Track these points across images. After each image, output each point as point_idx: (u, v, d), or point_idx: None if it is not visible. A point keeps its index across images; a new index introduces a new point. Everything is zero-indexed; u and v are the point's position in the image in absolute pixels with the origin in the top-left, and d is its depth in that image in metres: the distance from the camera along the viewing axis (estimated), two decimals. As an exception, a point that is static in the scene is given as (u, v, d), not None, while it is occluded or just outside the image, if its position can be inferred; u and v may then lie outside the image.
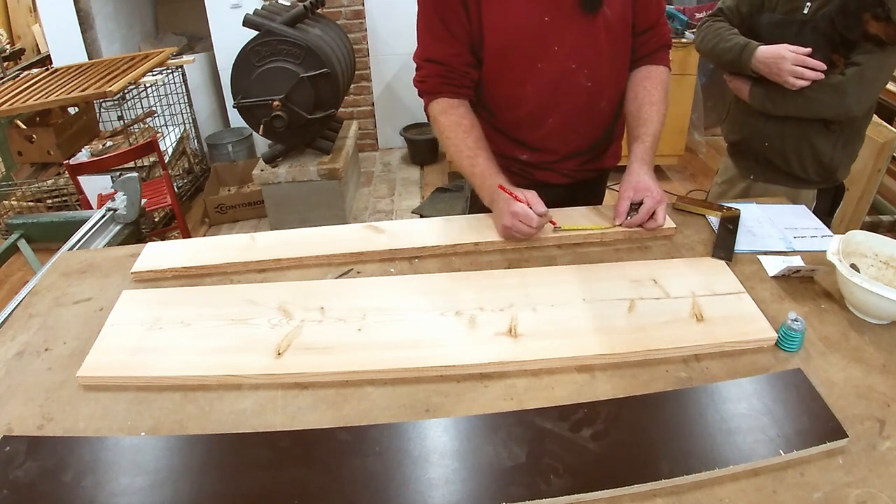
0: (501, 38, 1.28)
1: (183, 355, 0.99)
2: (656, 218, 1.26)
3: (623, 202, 1.28)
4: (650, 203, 1.25)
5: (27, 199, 3.29)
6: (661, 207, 1.26)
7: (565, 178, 1.47)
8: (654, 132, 1.35)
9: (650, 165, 1.33)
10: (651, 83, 1.38)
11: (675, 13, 3.53)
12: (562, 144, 1.42)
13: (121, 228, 1.75)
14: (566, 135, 1.40)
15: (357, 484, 0.76)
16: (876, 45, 1.43)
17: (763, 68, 1.50)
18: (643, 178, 1.29)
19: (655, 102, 1.36)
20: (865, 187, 2.39)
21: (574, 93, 1.33)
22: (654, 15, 1.36)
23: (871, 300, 0.99)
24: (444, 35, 1.29)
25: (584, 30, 1.27)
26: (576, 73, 1.31)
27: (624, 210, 1.28)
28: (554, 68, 1.30)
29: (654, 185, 1.28)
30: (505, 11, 1.25)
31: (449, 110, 1.33)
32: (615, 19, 1.29)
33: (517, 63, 1.31)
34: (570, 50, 1.28)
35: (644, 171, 1.31)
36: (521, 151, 1.43)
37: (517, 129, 1.41)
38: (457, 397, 0.91)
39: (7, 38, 5.20)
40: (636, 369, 0.95)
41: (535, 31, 1.26)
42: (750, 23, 1.62)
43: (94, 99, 3.21)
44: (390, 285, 1.16)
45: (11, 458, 0.82)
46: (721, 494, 0.75)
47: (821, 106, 1.49)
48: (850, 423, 0.83)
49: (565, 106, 1.35)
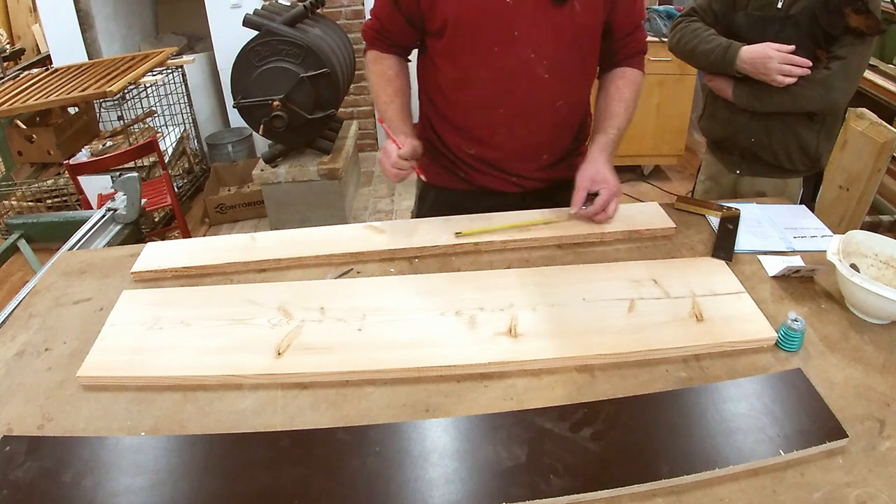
0: (458, 14, 1.24)
1: (183, 355, 0.99)
2: (607, 211, 1.26)
3: (579, 191, 1.27)
4: (605, 195, 1.25)
5: (27, 199, 3.29)
6: (615, 200, 1.26)
7: (514, 187, 1.44)
8: (620, 126, 1.34)
9: (610, 157, 1.32)
10: (624, 82, 1.36)
11: (676, 13, 3.53)
12: (510, 139, 1.36)
13: (121, 228, 1.75)
14: (516, 129, 1.35)
15: (357, 484, 0.76)
16: (856, 38, 1.44)
17: (749, 68, 1.51)
18: (601, 168, 1.28)
19: (625, 100, 1.35)
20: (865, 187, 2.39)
21: (529, 84, 1.29)
22: (635, 21, 1.35)
23: (871, 300, 0.99)
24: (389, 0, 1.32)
25: (549, 20, 1.23)
26: (534, 63, 1.26)
27: (580, 199, 1.27)
28: (510, 54, 1.26)
29: (611, 177, 1.28)
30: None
31: (379, 60, 1.39)
32: (584, 15, 1.25)
33: (472, 43, 1.27)
34: (530, 38, 1.24)
35: (603, 161, 1.30)
36: (469, 144, 1.39)
37: (465, 116, 1.37)
38: (457, 397, 0.91)
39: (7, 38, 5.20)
40: (636, 369, 0.95)
41: (495, 12, 1.22)
42: (725, 21, 1.62)
43: (94, 99, 3.20)
44: (390, 285, 1.16)
45: (11, 458, 0.81)
46: (721, 494, 0.75)
47: (808, 101, 1.50)
48: (850, 423, 0.83)
49: (519, 96, 1.30)
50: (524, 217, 1.33)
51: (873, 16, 1.40)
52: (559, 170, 1.45)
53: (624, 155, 3.77)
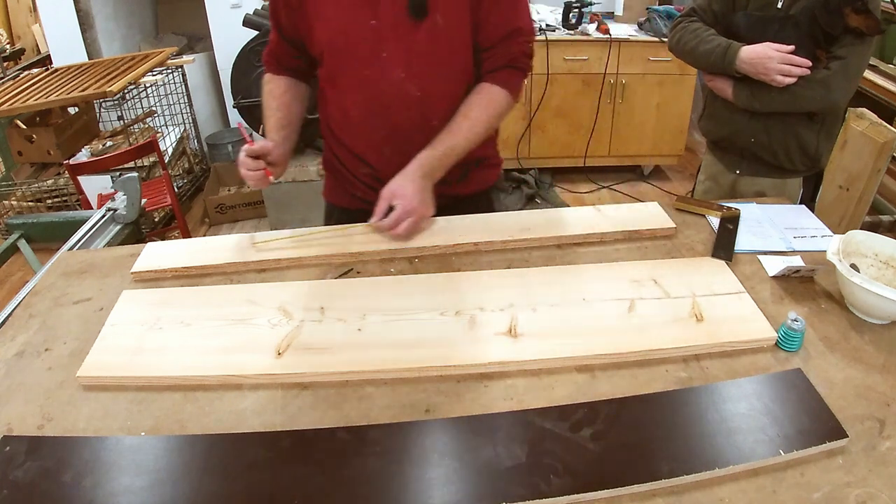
0: (327, 40, 1.26)
1: (183, 355, 0.99)
2: (397, 228, 1.21)
3: (380, 202, 1.23)
4: (398, 212, 1.20)
5: (27, 199, 3.29)
6: (408, 220, 1.20)
7: None
8: (452, 144, 1.25)
9: (426, 173, 1.24)
10: (477, 99, 1.27)
11: (676, 13, 3.53)
12: (394, 159, 1.29)
13: (121, 228, 1.75)
14: (397, 149, 1.30)
15: (357, 484, 0.76)
16: (856, 38, 1.44)
17: (749, 69, 1.51)
18: (406, 183, 1.22)
19: (470, 118, 1.26)
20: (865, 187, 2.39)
21: (402, 104, 1.26)
22: (497, 32, 1.25)
23: (871, 300, 0.99)
24: (274, 21, 1.34)
25: (412, 37, 1.21)
26: (405, 82, 1.24)
27: (379, 211, 1.23)
28: (381, 76, 1.24)
29: (412, 193, 1.21)
30: (331, 13, 1.23)
31: (269, 81, 1.40)
32: (448, 29, 1.22)
33: (344, 68, 1.28)
34: (398, 58, 1.23)
35: (414, 175, 1.22)
36: (360, 166, 1.39)
37: (352, 139, 1.37)
38: (457, 397, 0.91)
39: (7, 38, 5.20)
40: (636, 369, 0.95)
41: (362, 35, 1.22)
42: (725, 21, 1.62)
43: (94, 99, 3.20)
44: (390, 285, 1.16)
45: (11, 458, 0.81)
46: (721, 494, 0.75)
47: (808, 101, 1.50)
48: (850, 423, 0.83)
49: (394, 117, 1.28)
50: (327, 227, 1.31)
51: (873, 16, 1.40)
52: (457, 186, 1.40)
53: (624, 155, 3.78)
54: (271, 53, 1.40)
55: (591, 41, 3.42)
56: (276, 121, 1.33)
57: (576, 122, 3.65)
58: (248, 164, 1.22)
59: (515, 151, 3.72)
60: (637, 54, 3.43)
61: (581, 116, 3.63)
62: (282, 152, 1.28)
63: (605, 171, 3.87)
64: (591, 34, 3.43)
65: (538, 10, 3.71)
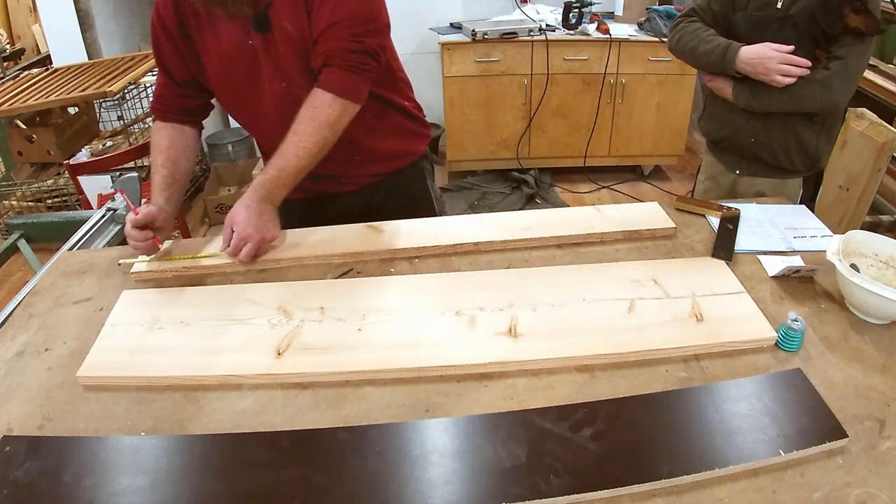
0: (218, 66, 1.29)
1: (183, 355, 0.99)
2: (239, 255, 1.21)
3: (225, 228, 1.24)
4: (235, 240, 1.21)
5: (27, 199, 3.29)
6: (247, 246, 1.20)
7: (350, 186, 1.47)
8: (283, 166, 1.23)
9: (262, 196, 1.23)
10: (304, 110, 1.24)
11: (675, 13, 3.53)
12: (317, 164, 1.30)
13: (121, 228, 1.75)
14: None
15: (357, 484, 0.76)
16: (856, 38, 1.44)
17: (748, 69, 1.50)
18: (240, 210, 1.22)
19: (298, 132, 1.23)
20: (865, 187, 2.39)
21: (295, 110, 1.26)
22: (318, 27, 1.21)
23: (871, 300, 0.99)
24: (160, 65, 1.35)
25: (276, 47, 1.24)
26: (288, 90, 1.28)
27: (226, 237, 1.23)
28: (270, 90, 1.29)
29: (245, 220, 1.21)
30: (216, 39, 1.26)
31: (157, 132, 1.39)
32: (296, 32, 1.22)
33: (239, 89, 1.31)
34: (277, 70, 1.27)
35: (246, 203, 1.22)
36: None
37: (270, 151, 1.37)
38: (457, 397, 0.91)
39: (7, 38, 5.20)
40: (636, 369, 0.95)
41: (244, 55, 1.26)
42: (724, 22, 1.62)
43: (94, 99, 3.20)
44: (390, 285, 1.16)
45: (11, 458, 0.81)
46: (721, 494, 0.75)
47: (808, 101, 1.50)
48: (850, 423, 0.83)
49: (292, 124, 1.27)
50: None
51: (872, 16, 1.40)
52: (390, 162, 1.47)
53: (624, 155, 3.77)
54: (158, 99, 1.38)
55: (591, 41, 3.42)
56: (161, 179, 1.32)
57: (576, 122, 3.65)
58: (136, 235, 1.21)
59: (515, 151, 3.72)
60: (637, 54, 3.43)
61: (581, 116, 3.63)
62: (166, 216, 1.27)
63: (605, 171, 3.87)
64: (591, 34, 3.43)
65: (538, 9, 3.72)
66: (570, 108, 3.60)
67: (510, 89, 3.53)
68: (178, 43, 1.29)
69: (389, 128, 1.46)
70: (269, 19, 1.22)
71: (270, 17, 1.22)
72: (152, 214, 1.23)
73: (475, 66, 3.45)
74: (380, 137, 1.44)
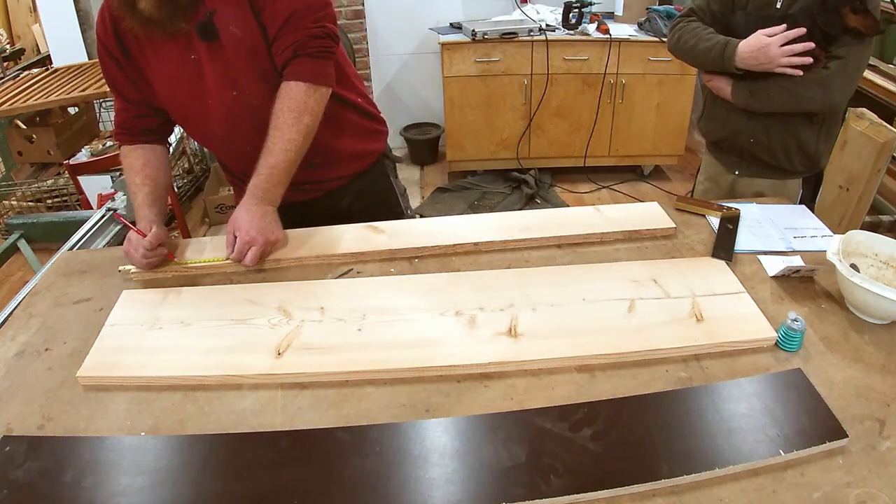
0: (164, 85, 1.29)
1: (183, 355, 0.99)
2: (244, 260, 1.21)
3: (227, 234, 1.24)
4: (238, 245, 1.20)
5: (27, 199, 3.29)
6: (252, 250, 1.20)
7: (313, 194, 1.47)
8: (273, 163, 1.23)
9: (259, 198, 1.24)
10: (279, 104, 1.23)
11: (675, 13, 3.53)
12: None
13: (121, 228, 1.75)
14: None
15: (357, 484, 0.76)
16: (855, 38, 1.44)
17: (751, 61, 1.49)
18: (241, 214, 1.22)
19: (279, 128, 1.23)
20: (865, 187, 2.39)
21: (248, 118, 1.28)
22: (276, 21, 1.21)
23: (871, 300, 0.99)
24: (113, 89, 1.34)
25: (223, 56, 1.23)
26: (239, 98, 1.27)
27: (229, 243, 1.23)
28: (219, 101, 1.28)
29: (248, 224, 1.21)
30: (158, 60, 1.26)
31: (127, 155, 1.37)
32: (245, 38, 1.22)
33: (190, 105, 1.30)
34: (225, 79, 1.25)
35: (246, 207, 1.23)
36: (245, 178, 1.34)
37: (235, 164, 1.41)
38: (457, 397, 0.91)
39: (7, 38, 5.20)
40: (636, 369, 0.95)
41: (188, 72, 1.25)
42: (724, 21, 1.61)
43: (94, 99, 3.20)
44: (390, 285, 1.16)
45: (11, 458, 0.82)
46: (721, 494, 0.75)
47: (807, 101, 1.49)
48: (850, 423, 0.83)
49: (250, 132, 1.29)
50: None
51: (872, 16, 1.40)
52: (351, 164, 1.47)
53: (624, 155, 3.77)
54: (120, 124, 1.37)
55: (591, 41, 3.42)
56: (145, 197, 1.30)
57: (576, 122, 3.65)
58: (149, 255, 1.21)
59: (515, 151, 3.72)
60: (637, 54, 3.43)
61: (581, 116, 3.63)
62: (165, 232, 1.27)
63: (605, 171, 3.87)
64: (591, 34, 3.43)
65: (538, 9, 3.72)
66: (570, 108, 3.60)
67: (510, 89, 3.53)
68: (123, 65, 1.29)
69: (344, 126, 1.45)
70: (216, 27, 1.20)
71: (216, 24, 1.20)
72: (160, 236, 1.23)
73: (475, 66, 3.45)
74: (335, 137, 1.42)
